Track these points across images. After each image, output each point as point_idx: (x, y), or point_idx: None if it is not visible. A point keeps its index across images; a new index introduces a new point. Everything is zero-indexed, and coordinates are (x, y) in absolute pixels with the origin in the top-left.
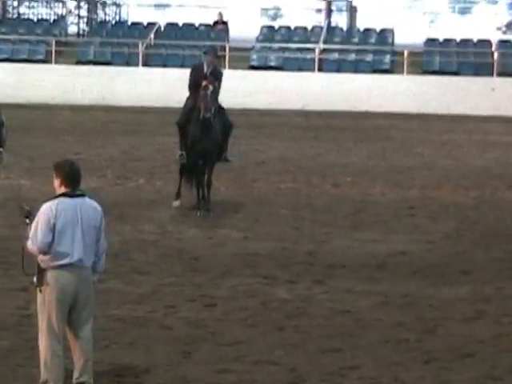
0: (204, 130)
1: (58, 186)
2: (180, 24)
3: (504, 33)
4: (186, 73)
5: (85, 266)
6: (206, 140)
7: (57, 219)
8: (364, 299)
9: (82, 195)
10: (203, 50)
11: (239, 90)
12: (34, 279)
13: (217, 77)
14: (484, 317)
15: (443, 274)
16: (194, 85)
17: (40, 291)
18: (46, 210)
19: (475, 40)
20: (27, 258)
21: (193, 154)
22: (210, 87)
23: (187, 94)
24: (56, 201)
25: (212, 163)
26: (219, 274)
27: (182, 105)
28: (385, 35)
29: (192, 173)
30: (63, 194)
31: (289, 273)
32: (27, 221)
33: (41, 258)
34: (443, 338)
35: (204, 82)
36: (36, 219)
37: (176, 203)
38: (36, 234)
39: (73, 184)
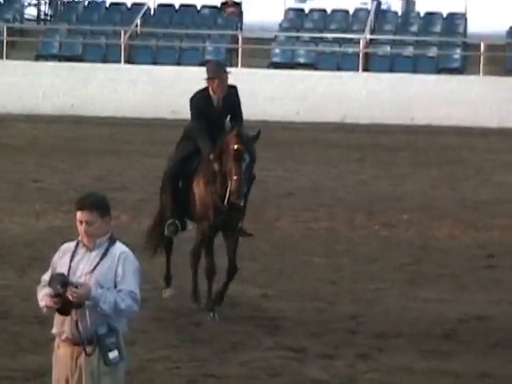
0: (228, 210)
1: (107, 228)
2: (176, 5)
3: None
4: (182, 72)
5: None
6: (230, 212)
7: None
8: (426, 380)
9: None
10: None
11: (257, 95)
12: (112, 356)
13: (232, 102)
14: None
15: None
16: (199, 121)
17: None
18: (136, 260)
19: None
20: None
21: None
22: (247, 157)
23: (182, 101)
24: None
25: (236, 238)
26: (228, 345)
27: (176, 116)
28: (454, 22)
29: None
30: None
31: (324, 344)
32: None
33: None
34: None
35: (236, 146)
36: (128, 271)
37: (168, 292)
38: (135, 288)
39: None
